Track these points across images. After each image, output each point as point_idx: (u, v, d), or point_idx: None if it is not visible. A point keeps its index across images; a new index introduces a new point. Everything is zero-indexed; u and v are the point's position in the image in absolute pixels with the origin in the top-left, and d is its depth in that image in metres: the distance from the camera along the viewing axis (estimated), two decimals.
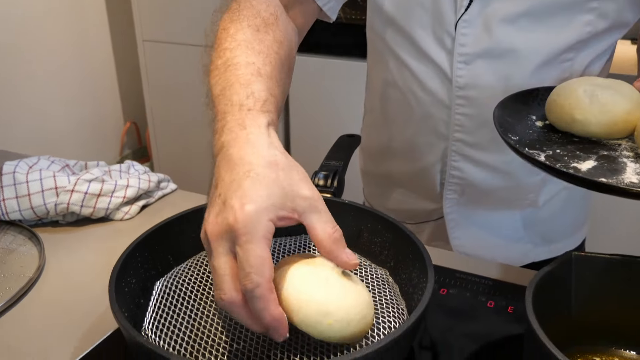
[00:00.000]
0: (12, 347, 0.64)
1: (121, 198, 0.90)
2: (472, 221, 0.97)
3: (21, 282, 0.74)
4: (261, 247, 0.47)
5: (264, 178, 0.50)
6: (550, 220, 0.97)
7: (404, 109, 0.94)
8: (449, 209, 0.96)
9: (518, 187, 0.92)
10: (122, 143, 3.24)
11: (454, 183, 0.93)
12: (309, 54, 2.30)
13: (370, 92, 1.04)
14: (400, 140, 0.98)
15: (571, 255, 0.56)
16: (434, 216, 1.01)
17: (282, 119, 2.44)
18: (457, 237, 0.99)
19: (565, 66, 0.81)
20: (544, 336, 0.45)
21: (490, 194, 0.93)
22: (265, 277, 0.47)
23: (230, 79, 0.61)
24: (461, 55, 0.82)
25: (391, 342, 0.49)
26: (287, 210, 0.51)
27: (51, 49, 2.69)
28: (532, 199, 0.94)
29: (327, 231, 0.52)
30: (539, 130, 0.67)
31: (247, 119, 0.56)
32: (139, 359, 0.55)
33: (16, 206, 0.85)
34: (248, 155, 0.52)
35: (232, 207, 0.49)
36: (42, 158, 0.93)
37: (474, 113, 0.86)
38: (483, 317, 0.68)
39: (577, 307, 0.57)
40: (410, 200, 1.03)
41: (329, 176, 0.76)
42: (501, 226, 0.97)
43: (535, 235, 0.98)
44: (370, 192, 1.14)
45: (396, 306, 0.63)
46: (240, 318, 0.49)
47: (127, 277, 0.60)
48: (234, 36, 0.67)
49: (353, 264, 0.53)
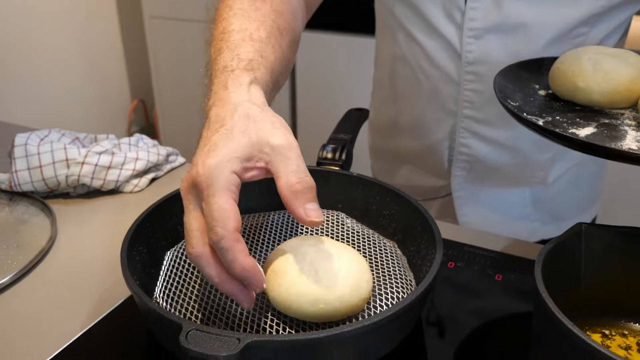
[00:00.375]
0: (25, 314, 0.65)
1: (131, 170, 0.90)
2: (480, 198, 0.97)
3: (34, 252, 0.74)
4: (224, 199, 0.47)
5: (231, 131, 0.51)
6: (559, 198, 0.97)
7: (412, 85, 0.93)
8: (456, 185, 0.96)
9: (526, 164, 0.92)
10: (130, 120, 3.25)
11: (462, 160, 0.93)
12: (316, 30, 2.29)
13: (379, 68, 1.04)
14: (409, 116, 0.98)
15: (581, 227, 0.56)
16: (441, 193, 1.01)
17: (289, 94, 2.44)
18: (465, 214, 0.99)
19: (577, 42, 0.80)
20: (554, 306, 0.45)
21: (499, 171, 0.93)
22: (229, 229, 0.46)
23: (222, 46, 0.61)
24: (471, 30, 0.82)
25: (399, 312, 0.49)
26: (253, 161, 0.50)
27: (58, 25, 2.68)
28: (542, 177, 0.93)
29: (289, 181, 0.49)
30: (540, 99, 0.67)
31: (229, 79, 0.56)
32: (151, 325, 0.55)
33: (28, 178, 0.85)
34: (223, 112, 0.53)
35: (197, 163, 0.50)
36: (53, 131, 0.93)
37: (483, 89, 0.85)
38: (491, 290, 0.68)
39: (586, 279, 0.57)
40: (418, 176, 1.03)
41: (337, 149, 0.76)
42: (509, 204, 0.97)
43: (544, 214, 0.98)
44: (378, 168, 1.14)
45: (404, 278, 0.63)
46: (210, 274, 0.49)
47: (138, 246, 0.61)
48: (232, 6, 0.67)
49: (310, 221, 0.50)
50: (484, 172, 0.94)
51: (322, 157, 0.76)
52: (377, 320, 0.48)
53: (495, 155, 0.91)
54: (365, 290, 0.55)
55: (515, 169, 0.93)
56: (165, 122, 2.95)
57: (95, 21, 2.88)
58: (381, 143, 1.10)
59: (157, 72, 2.84)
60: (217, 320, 0.57)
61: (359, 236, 0.70)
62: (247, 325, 0.56)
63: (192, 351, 0.43)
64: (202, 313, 0.58)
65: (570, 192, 0.97)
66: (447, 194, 1.00)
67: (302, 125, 2.51)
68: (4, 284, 0.69)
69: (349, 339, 0.48)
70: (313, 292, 0.52)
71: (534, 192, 0.96)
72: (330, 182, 0.74)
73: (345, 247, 0.58)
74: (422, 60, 0.89)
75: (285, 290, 0.53)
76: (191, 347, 0.43)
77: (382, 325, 0.48)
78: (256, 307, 0.58)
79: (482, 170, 0.94)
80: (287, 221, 0.73)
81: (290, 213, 0.52)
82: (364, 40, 2.19)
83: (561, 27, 0.79)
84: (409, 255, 0.67)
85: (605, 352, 0.41)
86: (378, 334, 0.51)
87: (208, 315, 0.57)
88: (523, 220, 0.98)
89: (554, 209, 0.98)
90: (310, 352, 0.48)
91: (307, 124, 2.49)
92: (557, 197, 0.96)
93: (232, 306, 0.59)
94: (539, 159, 0.91)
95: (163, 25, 2.68)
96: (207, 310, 0.58)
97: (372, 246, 0.69)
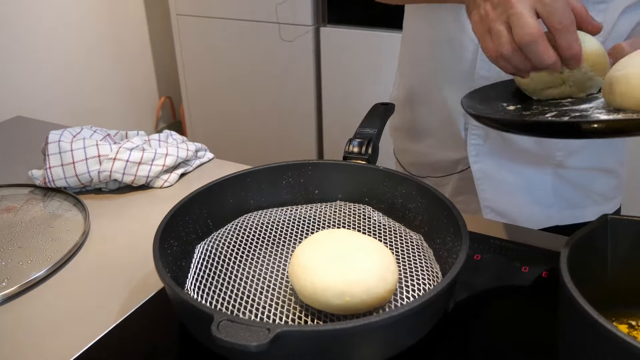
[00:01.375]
0: (60, 307, 0.67)
1: (161, 166, 0.92)
2: (498, 174, 0.96)
3: (68, 246, 0.77)
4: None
5: None
6: (579, 187, 0.96)
7: (432, 55, 0.94)
8: (474, 157, 0.96)
9: (541, 140, 0.91)
10: (157, 118, 3.28)
11: (477, 126, 0.93)
12: (341, 26, 2.29)
13: (403, 45, 1.05)
14: (427, 83, 0.98)
15: (607, 218, 0.56)
16: (459, 167, 1.01)
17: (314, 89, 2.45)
18: (484, 189, 0.98)
19: (599, 8, 0.79)
20: (580, 297, 0.45)
21: (515, 142, 0.92)
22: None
23: None
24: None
25: (425, 303, 0.50)
26: None
27: (87, 25, 2.73)
28: (560, 158, 0.92)
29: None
30: (511, 111, 0.69)
31: None
32: (182, 316, 0.57)
33: (62, 174, 0.88)
34: None
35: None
36: (85, 128, 0.95)
37: None
38: (517, 282, 0.68)
39: (613, 270, 0.57)
40: (437, 150, 1.03)
41: (363, 143, 0.77)
42: (529, 185, 0.96)
43: (563, 200, 0.97)
44: (398, 147, 1.14)
45: (430, 270, 0.64)
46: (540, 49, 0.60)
47: (169, 240, 0.63)
48: None
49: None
50: (500, 145, 0.93)
51: (348, 152, 0.77)
52: (404, 311, 0.48)
53: None
54: (390, 282, 0.55)
55: (531, 143, 0.92)
56: (193, 119, 2.98)
57: (123, 20, 2.92)
58: (400, 120, 1.10)
59: (184, 70, 2.87)
60: (247, 312, 0.58)
61: (385, 229, 0.71)
62: (276, 317, 0.57)
63: (223, 341, 0.44)
64: (232, 305, 0.59)
65: (591, 184, 0.96)
66: (464, 169, 1.00)
67: (328, 120, 2.51)
68: (40, 277, 0.71)
69: (376, 329, 0.49)
70: (339, 285, 0.53)
71: (554, 177, 0.95)
72: (357, 176, 0.75)
73: (370, 240, 0.59)
74: (441, 34, 0.91)
75: (311, 284, 0.54)
76: (222, 337, 0.44)
77: (408, 316, 0.49)
78: (285, 300, 0.59)
79: (497, 142, 0.93)
80: (315, 215, 0.74)
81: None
82: (389, 35, 2.19)
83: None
84: (435, 248, 0.67)
85: (633, 342, 0.41)
86: (405, 325, 0.51)
87: (238, 307, 0.59)
88: (541, 204, 0.97)
89: (573, 198, 0.97)
90: (337, 342, 0.49)
91: (333, 118, 2.50)
92: (577, 187, 0.95)
93: (261, 297, 0.60)
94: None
95: (190, 22, 2.71)
96: (237, 302, 0.59)
97: (399, 239, 0.69)
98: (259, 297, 0.60)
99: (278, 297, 0.60)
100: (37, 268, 0.72)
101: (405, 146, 1.11)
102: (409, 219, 0.72)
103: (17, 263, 0.73)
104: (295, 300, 0.59)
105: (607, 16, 0.79)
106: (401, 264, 0.65)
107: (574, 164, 0.93)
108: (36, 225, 0.82)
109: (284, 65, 2.42)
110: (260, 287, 0.62)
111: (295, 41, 2.35)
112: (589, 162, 0.94)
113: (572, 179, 0.95)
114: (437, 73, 0.95)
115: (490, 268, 0.70)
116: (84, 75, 2.76)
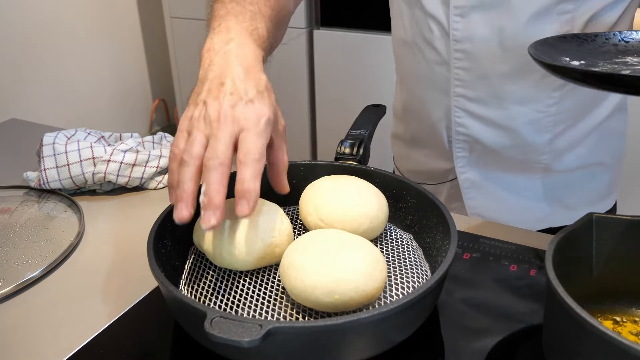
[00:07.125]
0: (55, 306, 0.68)
1: (155, 168, 0.93)
2: (486, 183, 0.97)
3: (63, 247, 0.77)
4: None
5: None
6: (570, 189, 0.96)
7: (413, 65, 0.96)
8: (460, 168, 0.97)
9: (525, 147, 0.92)
10: (151, 120, 3.29)
11: (461, 140, 0.94)
12: (334, 28, 2.31)
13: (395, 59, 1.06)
14: (413, 97, 1.00)
15: (592, 217, 0.57)
16: (449, 176, 1.02)
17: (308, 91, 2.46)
18: (472, 197, 0.99)
19: (564, 18, 0.79)
20: (564, 293, 0.46)
21: (499, 153, 0.93)
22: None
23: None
24: (456, 8, 0.83)
25: (414, 299, 0.51)
26: None
27: (82, 28, 2.73)
28: (546, 163, 0.93)
29: None
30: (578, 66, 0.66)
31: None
32: (176, 314, 0.58)
33: (56, 175, 0.89)
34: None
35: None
36: (79, 130, 0.96)
37: (472, 66, 0.86)
38: (506, 281, 0.69)
39: (598, 267, 0.58)
40: (428, 159, 1.04)
41: (355, 144, 0.78)
42: (517, 190, 0.97)
43: (554, 203, 0.98)
44: (396, 154, 1.16)
45: (420, 268, 0.65)
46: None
47: (163, 240, 0.63)
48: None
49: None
50: (486, 155, 0.94)
51: (340, 152, 0.78)
52: (393, 307, 0.49)
53: (492, 136, 0.91)
54: (379, 280, 0.56)
55: (515, 151, 0.93)
56: None
57: (117, 23, 2.93)
58: (396, 128, 1.13)
59: (178, 72, 2.88)
60: (240, 310, 0.59)
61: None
62: (268, 314, 0.58)
63: (216, 337, 0.45)
64: (224, 303, 0.60)
65: (582, 184, 0.97)
66: (454, 178, 1.01)
67: (321, 122, 2.53)
68: (35, 277, 0.72)
69: (367, 325, 0.50)
70: (328, 283, 0.55)
71: (544, 181, 0.96)
72: None
73: (359, 239, 0.60)
74: (419, 40, 0.91)
75: (301, 282, 0.55)
76: (216, 333, 0.45)
77: (397, 313, 0.50)
78: (276, 298, 0.60)
79: (483, 153, 0.94)
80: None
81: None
82: (381, 37, 2.20)
83: (544, 1, 0.78)
84: (425, 247, 0.68)
85: (616, 337, 0.42)
86: (394, 322, 0.53)
87: (230, 305, 0.60)
88: (531, 208, 0.98)
89: (565, 200, 0.98)
90: (329, 338, 0.50)
91: (325, 120, 2.51)
92: (567, 188, 0.96)
93: (253, 296, 0.61)
94: (537, 141, 0.90)
95: (183, 25, 2.72)
96: (229, 301, 0.60)
97: (389, 238, 0.71)
98: (251, 295, 0.61)
99: (270, 296, 0.61)
100: (32, 269, 0.73)
101: (403, 154, 1.12)
102: (399, 219, 0.73)
103: (12, 264, 0.74)
104: (287, 298, 0.60)
105: (575, 26, 0.80)
106: (391, 263, 0.66)
107: (563, 166, 0.93)
108: (31, 226, 0.83)
109: (278, 67, 2.43)
110: (252, 286, 0.63)
111: (289, 44, 2.36)
112: (580, 160, 0.94)
113: (562, 181, 0.96)
114: (419, 89, 0.97)
115: (479, 267, 0.72)
116: (78, 78, 2.77)
